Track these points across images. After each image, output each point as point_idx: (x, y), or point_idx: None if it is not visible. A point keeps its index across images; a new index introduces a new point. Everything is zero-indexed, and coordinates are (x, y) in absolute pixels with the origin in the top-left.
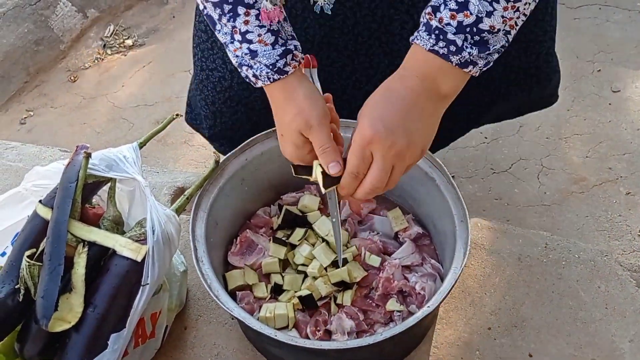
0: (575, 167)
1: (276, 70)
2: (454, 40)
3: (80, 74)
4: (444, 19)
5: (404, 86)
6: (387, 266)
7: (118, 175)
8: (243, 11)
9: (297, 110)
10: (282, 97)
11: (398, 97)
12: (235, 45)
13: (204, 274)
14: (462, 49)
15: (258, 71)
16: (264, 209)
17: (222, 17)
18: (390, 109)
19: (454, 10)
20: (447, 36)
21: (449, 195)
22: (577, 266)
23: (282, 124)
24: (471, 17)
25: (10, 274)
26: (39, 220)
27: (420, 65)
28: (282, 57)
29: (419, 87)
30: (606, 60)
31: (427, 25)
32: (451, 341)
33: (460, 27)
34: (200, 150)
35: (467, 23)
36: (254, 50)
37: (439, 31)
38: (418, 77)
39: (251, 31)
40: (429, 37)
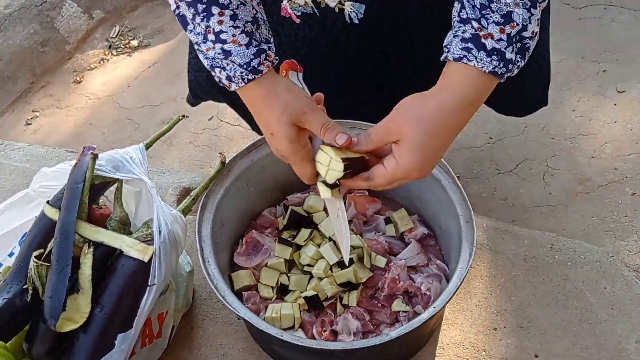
0: (581, 167)
1: (250, 70)
2: (510, 59)
3: (86, 74)
4: (494, 35)
5: (454, 114)
6: (392, 267)
7: (125, 176)
8: (217, 11)
9: (284, 104)
10: (263, 96)
11: (443, 125)
12: (207, 45)
13: (210, 275)
14: (515, 62)
15: (232, 72)
16: (270, 210)
17: (196, 16)
18: (435, 142)
19: (501, 24)
20: (505, 56)
21: (454, 196)
22: (583, 267)
23: (271, 122)
24: (517, 27)
25: (19, 274)
26: (47, 221)
27: (474, 89)
28: (256, 57)
29: (466, 110)
30: (611, 60)
31: (479, 43)
32: (457, 342)
33: (509, 40)
34: (205, 150)
35: (514, 34)
36: (228, 50)
37: (497, 52)
38: (467, 100)
39: (225, 31)
40: (490, 60)
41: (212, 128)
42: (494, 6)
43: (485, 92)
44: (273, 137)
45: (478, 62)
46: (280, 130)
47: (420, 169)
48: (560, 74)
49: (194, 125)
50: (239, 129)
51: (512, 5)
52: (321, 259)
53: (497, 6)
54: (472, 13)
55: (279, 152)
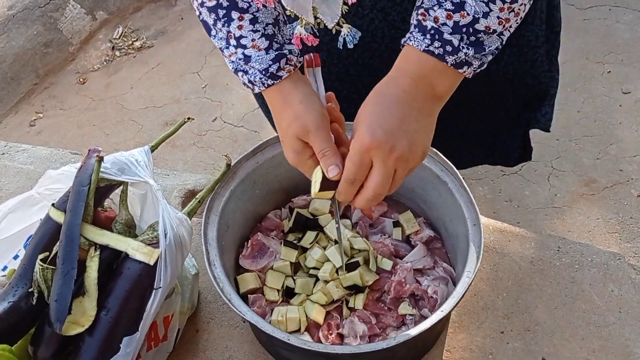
0: (586, 169)
1: (269, 76)
2: (450, 40)
3: (89, 76)
4: (440, 19)
5: (398, 89)
6: (399, 270)
7: (130, 179)
8: (237, 16)
9: (293, 116)
10: (279, 103)
11: (393, 101)
12: (230, 51)
13: (216, 277)
14: (458, 49)
15: (252, 77)
16: (275, 212)
17: (217, 22)
18: (386, 113)
19: (450, 10)
20: (443, 36)
21: (461, 199)
22: (590, 270)
23: (281, 130)
24: (468, 17)
25: (24, 277)
26: (52, 224)
27: (414, 67)
28: (275, 62)
29: (413, 88)
30: (616, 61)
31: (420, 25)
32: (464, 345)
33: (456, 27)
34: (209, 152)
35: (463, 23)
36: (248, 56)
37: (434, 31)
38: (412, 79)
39: (245, 36)
40: (423, 38)
41: (216, 129)
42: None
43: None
44: (283, 144)
45: (415, 41)
46: (287, 140)
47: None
48: (564, 75)
49: (198, 127)
50: (242, 131)
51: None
52: (327, 261)
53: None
54: (428, 2)
55: (287, 159)
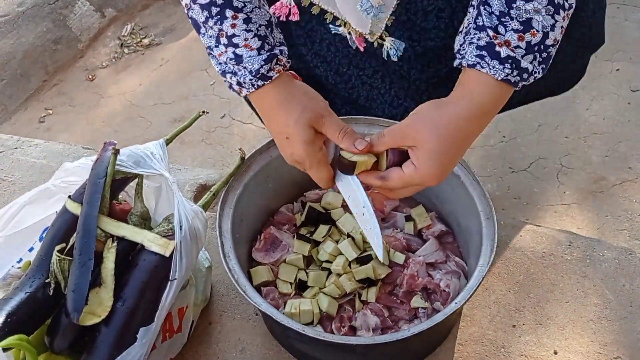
0: (595, 166)
1: (259, 77)
2: (526, 68)
3: (98, 72)
4: (512, 42)
5: (471, 122)
6: (411, 263)
7: (145, 172)
8: (231, 14)
9: (302, 106)
10: (279, 99)
11: (462, 135)
12: (220, 50)
13: (231, 269)
14: (532, 73)
15: (242, 78)
16: (287, 206)
17: (209, 19)
18: (452, 149)
19: (520, 31)
20: (520, 64)
21: (474, 193)
22: (602, 264)
23: (287, 125)
24: (538, 34)
25: (41, 268)
26: (69, 216)
27: (488, 97)
28: (266, 63)
29: (483, 119)
30: (625, 59)
31: (492, 51)
32: (476, 338)
33: (528, 48)
34: (217, 148)
35: (535, 42)
36: (239, 55)
37: (511, 60)
38: (483, 110)
39: (238, 35)
40: (502, 67)
41: (225, 126)
42: (514, 13)
43: (502, 101)
44: (288, 142)
45: (491, 69)
46: (297, 132)
47: (437, 176)
48: None
49: (206, 124)
50: (251, 127)
51: (532, 12)
52: (340, 255)
53: (517, 13)
54: (489, 21)
55: (293, 156)
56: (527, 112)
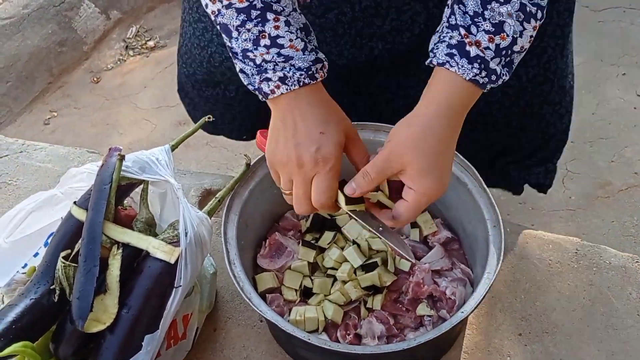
0: (601, 171)
1: (310, 75)
2: (494, 69)
3: (103, 75)
4: (482, 43)
5: (444, 126)
6: (417, 271)
7: (151, 178)
8: (272, 17)
9: (342, 115)
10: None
11: (441, 141)
12: (260, 51)
13: (236, 276)
14: (499, 75)
15: (289, 73)
16: (292, 212)
17: (247, 22)
18: (438, 158)
19: (491, 32)
20: (489, 65)
21: (481, 200)
22: (609, 272)
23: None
24: (507, 39)
25: (45, 275)
26: (74, 222)
27: (458, 98)
28: (315, 64)
29: (455, 122)
30: (631, 63)
31: (463, 50)
32: (482, 347)
33: (497, 51)
34: (222, 151)
35: (503, 46)
36: (287, 55)
37: (480, 60)
38: (457, 112)
39: (282, 36)
40: (471, 67)
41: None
42: (487, 14)
43: (470, 102)
44: (322, 137)
45: (459, 68)
46: (337, 132)
47: (438, 189)
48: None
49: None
50: None
51: (505, 16)
52: (345, 262)
53: (490, 14)
54: (462, 20)
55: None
56: None
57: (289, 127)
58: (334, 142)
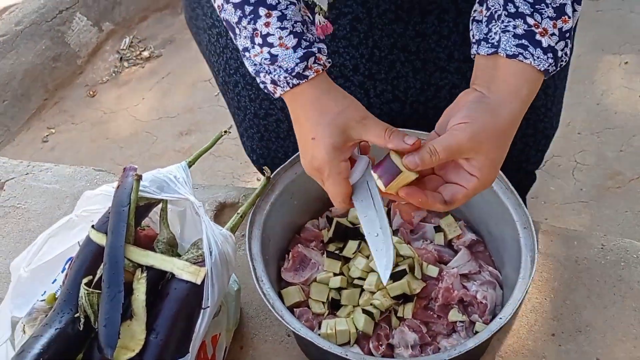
0: (610, 161)
1: (295, 75)
2: (560, 57)
3: (99, 88)
4: (548, 30)
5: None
6: (445, 276)
7: (170, 197)
8: (264, 12)
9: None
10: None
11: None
12: (255, 50)
13: (265, 294)
14: (562, 61)
15: (276, 76)
16: (312, 222)
17: (242, 19)
18: (505, 152)
19: (554, 18)
20: (557, 54)
21: (508, 201)
22: (637, 267)
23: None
24: (569, 21)
25: (69, 303)
26: (94, 246)
27: (532, 89)
28: (302, 61)
29: (521, 113)
30: (632, 51)
31: (534, 40)
32: (515, 349)
33: (561, 35)
34: (226, 160)
35: (566, 29)
36: (275, 55)
37: (551, 50)
38: (524, 102)
39: (272, 34)
40: (546, 58)
41: (232, 137)
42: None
43: (536, 91)
44: (312, 143)
45: (534, 59)
46: (328, 132)
47: (493, 180)
48: (581, 68)
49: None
50: None
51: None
52: (371, 272)
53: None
54: (525, 7)
55: (314, 162)
56: None
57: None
58: (324, 147)
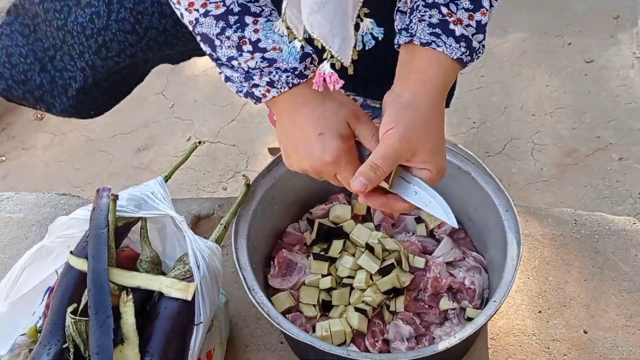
0: (566, 140)
1: (297, 74)
2: (475, 47)
3: None
4: (463, 21)
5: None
6: (432, 266)
7: (150, 214)
8: (251, 20)
9: (339, 102)
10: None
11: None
12: (244, 57)
13: (259, 303)
14: (478, 53)
15: (275, 77)
16: (293, 225)
17: (227, 29)
18: (440, 135)
19: (470, 10)
20: (471, 44)
21: (487, 187)
22: (610, 237)
23: (323, 119)
24: (487, 14)
25: (55, 334)
26: (75, 273)
27: (445, 75)
28: (302, 61)
29: (445, 97)
30: (574, 32)
31: (447, 29)
32: (506, 330)
33: (478, 27)
34: (189, 172)
35: (484, 22)
36: (270, 58)
37: (465, 39)
38: (445, 89)
39: (263, 39)
40: (458, 46)
41: None
42: None
43: (452, 80)
44: (321, 138)
45: (447, 48)
46: (335, 125)
47: (444, 165)
48: (527, 52)
49: (173, 149)
50: (220, 146)
51: None
52: (360, 269)
53: None
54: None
55: (326, 155)
56: (492, 95)
57: (290, 134)
58: (335, 138)
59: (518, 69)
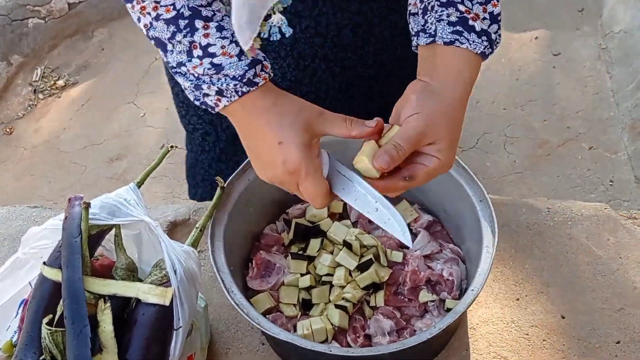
0: (537, 131)
1: (246, 82)
2: (494, 39)
3: (15, 124)
4: (480, 15)
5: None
6: (410, 259)
7: (124, 221)
8: (201, 24)
9: (297, 107)
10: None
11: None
12: (193, 63)
13: (239, 304)
14: (496, 44)
15: (224, 85)
16: (270, 227)
17: (177, 34)
18: (459, 133)
19: (483, 3)
20: (490, 37)
21: (461, 178)
22: (583, 223)
23: (280, 127)
24: (498, 5)
25: (31, 346)
26: (49, 284)
27: (472, 71)
28: (251, 68)
29: (466, 94)
30: (540, 26)
31: (467, 25)
32: (485, 319)
33: (492, 19)
34: (163, 180)
35: (496, 12)
36: (218, 64)
37: (485, 33)
38: (468, 84)
39: (213, 44)
40: (481, 41)
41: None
42: None
43: (477, 74)
44: (280, 148)
45: (470, 44)
46: (294, 133)
47: (453, 161)
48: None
49: (146, 158)
50: None
51: None
52: (338, 267)
53: None
54: None
55: (288, 165)
56: None
57: (251, 146)
58: (296, 148)
59: (488, 64)
